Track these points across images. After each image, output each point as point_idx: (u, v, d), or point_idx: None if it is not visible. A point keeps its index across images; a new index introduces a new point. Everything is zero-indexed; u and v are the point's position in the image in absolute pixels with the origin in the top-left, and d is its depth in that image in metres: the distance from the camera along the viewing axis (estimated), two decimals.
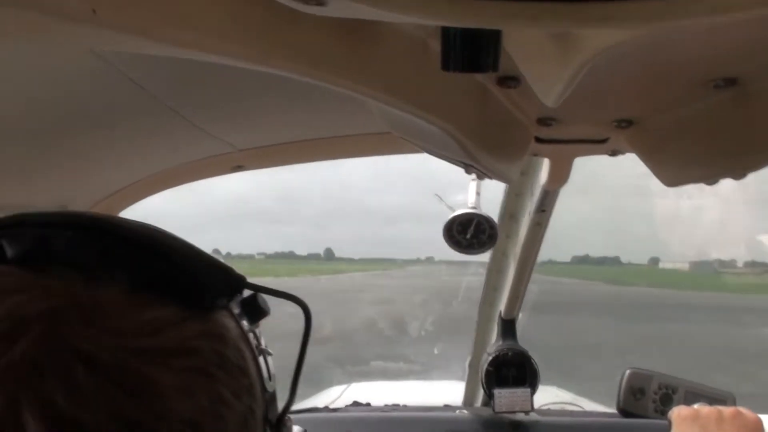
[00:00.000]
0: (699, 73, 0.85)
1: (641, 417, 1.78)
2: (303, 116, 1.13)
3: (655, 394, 1.79)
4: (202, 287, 0.52)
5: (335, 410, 1.98)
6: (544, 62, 0.59)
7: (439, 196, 1.55)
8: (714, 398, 1.68)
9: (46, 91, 0.85)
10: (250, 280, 0.56)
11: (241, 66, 0.61)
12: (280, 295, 0.59)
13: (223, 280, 0.54)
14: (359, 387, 3.11)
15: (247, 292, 0.57)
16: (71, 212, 0.52)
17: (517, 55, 0.63)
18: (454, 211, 1.51)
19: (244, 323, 0.55)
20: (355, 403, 2.07)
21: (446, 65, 0.54)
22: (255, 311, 0.57)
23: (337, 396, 2.66)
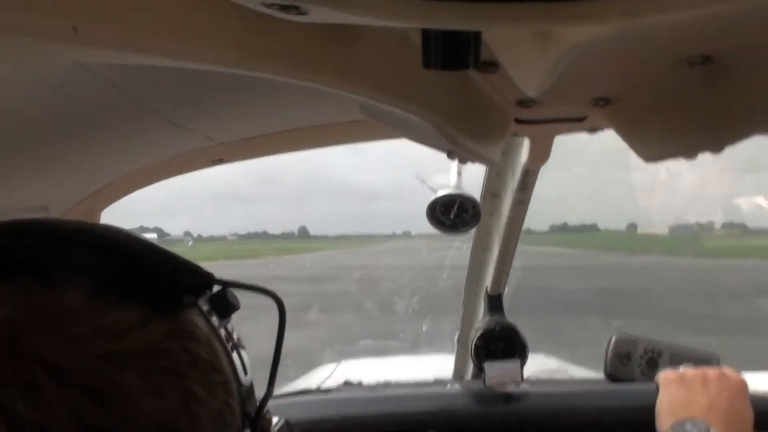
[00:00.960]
0: (675, 52, 0.86)
1: (628, 381, 1.81)
2: (282, 107, 1.12)
3: (641, 358, 1.81)
4: (167, 287, 0.51)
5: (327, 391, 1.98)
6: (525, 55, 0.59)
7: (421, 179, 1.55)
8: (699, 360, 1.72)
9: (24, 96, 0.84)
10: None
11: (226, 71, 0.61)
12: (251, 288, 0.59)
13: (189, 278, 0.54)
14: (349, 365, 3.13)
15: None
16: (29, 220, 0.52)
17: (497, 47, 0.63)
18: (436, 192, 1.52)
19: (215, 319, 0.55)
20: (347, 383, 2.08)
21: (427, 63, 0.54)
22: (225, 307, 0.57)
23: (328, 375, 2.67)
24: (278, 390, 2.23)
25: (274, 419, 0.64)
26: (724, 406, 1.17)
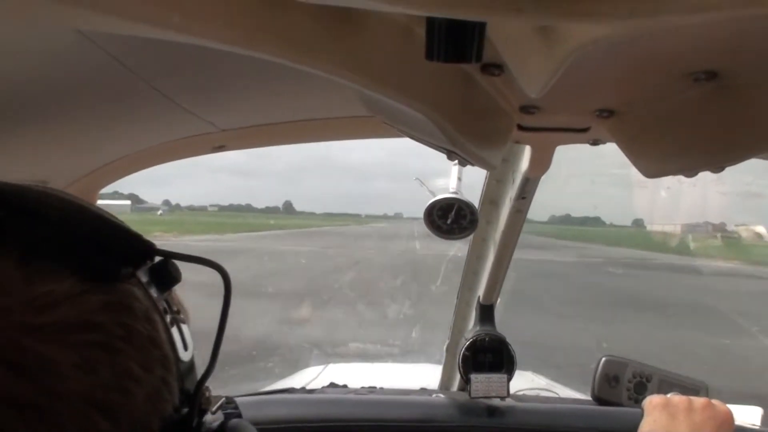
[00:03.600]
0: (680, 66, 0.85)
1: (616, 404, 1.80)
2: (286, 98, 1.12)
3: (630, 382, 1.80)
4: (103, 256, 0.49)
5: (311, 391, 1.98)
6: (529, 53, 0.59)
7: (420, 180, 1.55)
8: (687, 387, 1.71)
9: (28, 68, 0.83)
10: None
11: (226, 50, 0.61)
12: (194, 260, 0.56)
13: (128, 248, 0.52)
14: (336, 368, 3.12)
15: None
16: None
17: (502, 45, 0.63)
18: (435, 195, 1.51)
19: (154, 292, 0.53)
20: (332, 385, 2.07)
21: (430, 54, 0.54)
22: (166, 278, 0.54)
23: (314, 377, 2.66)
24: (262, 387, 2.23)
25: (215, 397, 0.60)
26: None
